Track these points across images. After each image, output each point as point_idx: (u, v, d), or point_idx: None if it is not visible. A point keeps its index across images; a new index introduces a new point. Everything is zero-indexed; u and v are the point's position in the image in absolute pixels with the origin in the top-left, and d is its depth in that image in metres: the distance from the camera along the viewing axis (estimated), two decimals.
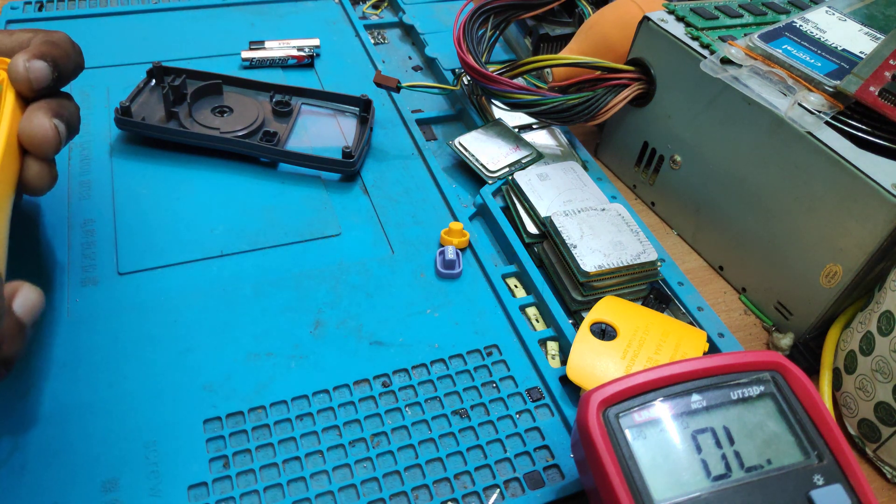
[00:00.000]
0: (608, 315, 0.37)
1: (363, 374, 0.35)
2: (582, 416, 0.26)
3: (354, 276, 0.40)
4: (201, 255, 0.40)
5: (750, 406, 0.27)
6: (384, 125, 0.51)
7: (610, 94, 0.45)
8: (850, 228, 0.35)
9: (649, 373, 0.27)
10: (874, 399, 0.34)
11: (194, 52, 0.56)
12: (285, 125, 0.48)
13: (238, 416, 0.33)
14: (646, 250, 0.39)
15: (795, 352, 0.40)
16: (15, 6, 0.58)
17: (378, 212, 0.44)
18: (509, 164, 0.47)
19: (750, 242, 0.42)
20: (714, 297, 0.44)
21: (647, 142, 0.48)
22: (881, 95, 0.36)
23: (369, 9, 0.65)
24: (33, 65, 0.31)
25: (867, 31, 0.42)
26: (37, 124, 0.31)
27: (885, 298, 0.34)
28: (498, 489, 0.31)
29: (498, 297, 0.40)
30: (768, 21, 0.45)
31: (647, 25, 0.45)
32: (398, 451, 0.32)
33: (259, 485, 0.30)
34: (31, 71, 0.31)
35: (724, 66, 0.40)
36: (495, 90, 0.46)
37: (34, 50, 0.32)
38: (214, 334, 0.36)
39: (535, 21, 0.56)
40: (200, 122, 0.47)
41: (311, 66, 0.56)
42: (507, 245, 0.42)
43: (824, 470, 0.26)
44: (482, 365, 0.36)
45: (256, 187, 0.45)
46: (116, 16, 0.59)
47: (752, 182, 0.41)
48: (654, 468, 0.25)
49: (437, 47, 0.58)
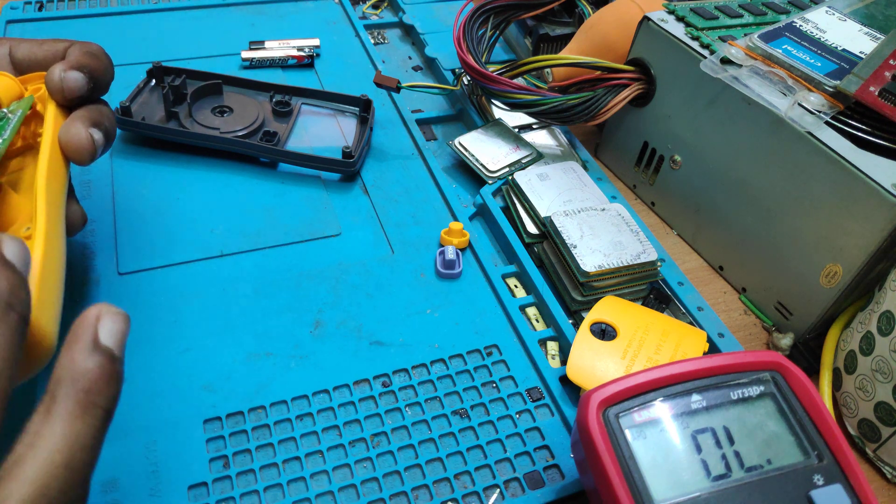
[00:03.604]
0: (608, 315, 0.37)
1: (363, 374, 0.35)
2: (582, 416, 0.26)
3: (354, 276, 0.40)
4: (201, 255, 0.40)
5: (750, 406, 0.27)
6: (384, 125, 0.51)
7: (610, 94, 0.45)
8: (850, 228, 0.35)
9: (649, 373, 0.27)
10: (874, 399, 0.34)
11: (194, 52, 0.56)
12: (285, 125, 0.48)
13: (238, 416, 0.33)
14: (646, 250, 0.39)
15: (795, 352, 0.40)
16: (15, 6, 0.58)
17: (378, 212, 0.44)
18: (509, 164, 0.47)
19: (750, 242, 0.42)
20: (714, 297, 0.44)
21: (647, 142, 0.48)
22: (881, 95, 0.36)
23: (369, 9, 0.65)
24: (69, 75, 0.32)
25: (867, 31, 0.42)
26: (74, 133, 0.32)
27: (885, 298, 0.34)
28: (498, 489, 0.31)
29: (498, 297, 0.40)
30: (768, 21, 0.45)
31: (647, 25, 0.45)
32: (398, 451, 0.32)
33: (259, 485, 0.30)
34: (65, 81, 0.32)
35: (724, 66, 0.40)
36: (495, 90, 0.46)
37: (72, 60, 0.33)
38: (214, 334, 0.36)
39: (535, 21, 0.56)
40: (200, 122, 0.47)
41: (311, 66, 0.56)
42: (507, 245, 0.42)
43: (824, 470, 0.26)
44: (482, 365, 0.36)
45: (256, 187, 0.45)
46: (116, 16, 0.59)
47: (752, 182, 0.41)
48: (654, 468, 0.25)
49: (437, 47, 0.58)
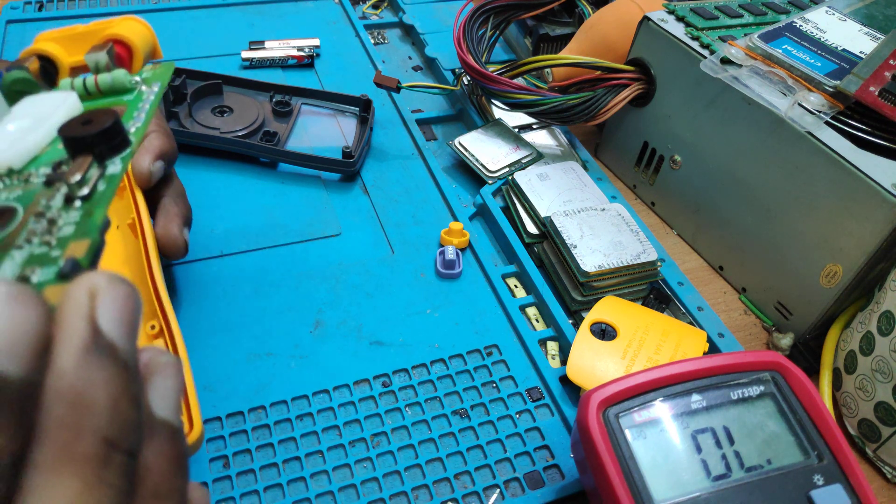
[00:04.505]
0: (608, 315, 0.37)
1: (363, 374, 0.35)
2: (582, 416, 0.26)
3: (354, 276, 0.40)
4: (201, 255, 0.40)
5: (750, 406, 0.27)
6: (384, 125, 0.51)
7: (610, 94, 0.45)
8: (850, 228, 0.35)
9: (649, 373, 0.27)
10: (874, 399, 0.34)
11: (194, 52, 0.56)
12: (285, 125, 0.48)
13: (238, 416, 0.33)
14: (646, 250, 0.39)
15: (795, 352, 0.40)
16: (15, 6, 0.58)
17: (378, 212, 0.44)
18: (509, 164, 0.47)
19: (750, 242, 0.42)
20: (714, 297, 0.44)
21: (647, 142, 0.48)
22: (881, 95, 0.36)
23: (369, 9, 0.65)
24: (156, 167, 0.34)
25: (867, 31, 0.42)
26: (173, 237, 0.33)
27: (885, 298, 0.34)
28: (498, 489, 0.31)
29: (498, 297, 0.40)
30: (768, 21, 0.45)
31: (647, 25, 0.45)
32: (398, 451, 0.32)
33: (259, 485, 0.30)
34: (154, 175, 0.34)
35: (724, 66, 0.40)
36: (495, 90, 0.46)
37: (155, 149, 0.34)
38: (214, 334, 0.36)
39: (535, 21, 0.56)
40: (200, 122, 0.47)
41: (311, 66, 0.56)
42: (507, 245, 0.42)
43: (824, 470, 0.26)
44: (482, 365, 0.36)
45: (256, 187, 0.45)
46: (116, 16, 0.59)
47: (752, 182, 0.41)
48: (654, 468, 0.25)
49: (437, 47, 0.58)
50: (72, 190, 0.18)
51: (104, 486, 0.14)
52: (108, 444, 0.14)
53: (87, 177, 0.18)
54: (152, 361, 0.17)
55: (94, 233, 0.17)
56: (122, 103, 0.22)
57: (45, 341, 0.14)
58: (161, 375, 0.17)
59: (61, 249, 0.16)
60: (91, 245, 0.16)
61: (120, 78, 0.22)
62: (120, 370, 0.14)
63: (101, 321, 0.14)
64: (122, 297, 0.15)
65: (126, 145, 0.19)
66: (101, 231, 0.17)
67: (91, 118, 0.18)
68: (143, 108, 0.22)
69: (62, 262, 0.16)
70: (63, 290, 0.15)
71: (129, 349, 0.15)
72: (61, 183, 0.18)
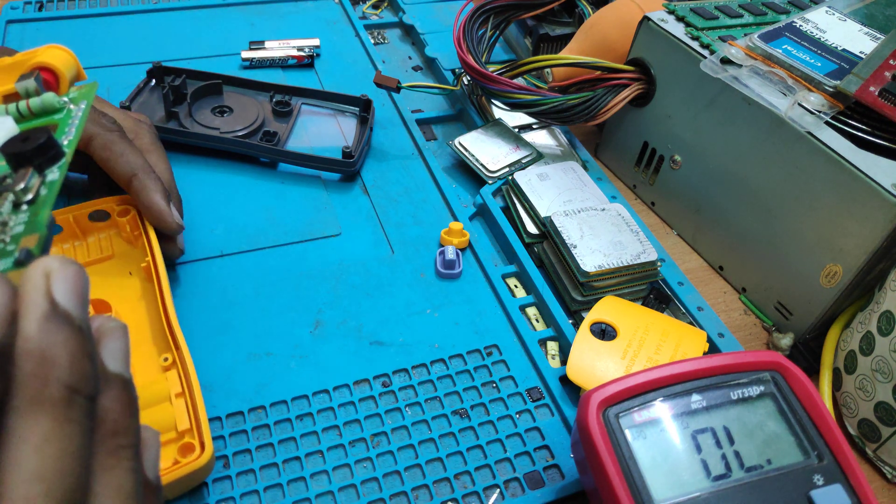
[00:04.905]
0: (608, 315, 0.37)
1: (363, 374, 0.35)
2: (582, 416, 0.26)
3: (354, 276, 0.40)
4: (201, 255, 0.40)
5: (750, 406, 0.27)
6: (384, 125, 0.51)
7: (610, 94, 0.45)
8: (850, 228, 0.35)
9: (649, 373, 0.27)
10: (874, 399, 0.34)
11: (194, 52, 0.56)
12: (285, 125, 0.48)
13: (238, 416, 0.33)
14: (646, 250, 0.39)
15: (795, 352, 0.40)
16: (15, 6, 0.58)
17: (378, 212, 0.44)
18: (509, 164, 0.47)
19: (750, 242, 0.42)
20: (714, 297, 0.44)
21: (647, 142, 0.48)
22: (881, 95, 0.36)
23: (369, 9, 0.65)
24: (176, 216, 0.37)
25: (867, 31, 0.42)
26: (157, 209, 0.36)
27: (885, 298, 0.34)
28: (498, 489, 0.31)
29: (498, 297, 0.40)
30: (768, 21, 0.45)
31: (647, 25, 0.45)
32: (398, 451, 0.32)
33: (259, 485, 0.30)
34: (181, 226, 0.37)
35: (724, 66, 0.40)
36: (495, 90, 0.46)
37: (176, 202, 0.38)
38: (214, 334, 0.36)
39: (535, 21, 0.56)
40: (200, 122, 0.47)
41: (311, 66, 0.56)
42: (507, 245, 0.42)
43: (824, 470, 0.26)
44: (482, 365, 0.36)
45: (256, 187, 0.45)
46: (116, 16, 0.59)
47: (752, 182, 0.41)
48: (654, 468, 0.25)
49: (437, 47, 0.58)
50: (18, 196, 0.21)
51: (71, 423, 0.17)
52: (71, 390, 0.17)
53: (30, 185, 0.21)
54: (103, 326, 0.20)
55: (42, 228, 0.20)
56: (55, 122, 0.25)
57: (12, 313, 0.17)
58: (111, 337, 0.20)
59: (15, 244, 0.19)
60: (40, 238, 0.20)
61: (49, 100, 0.25)
62: (75, 332, 0.17)
63: (57, 295, 0.17)
64: (72, 274, 0.18)
65: (61, 156, 0.22)
66: (48, 227, 0.20)
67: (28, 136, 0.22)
68: (73, 124, 0.25)
69: (17, 253, 0.19)
70: (22, 274, 0.17)
71: (82, 316, 0.18)
72: (8, 192, 0.21)
